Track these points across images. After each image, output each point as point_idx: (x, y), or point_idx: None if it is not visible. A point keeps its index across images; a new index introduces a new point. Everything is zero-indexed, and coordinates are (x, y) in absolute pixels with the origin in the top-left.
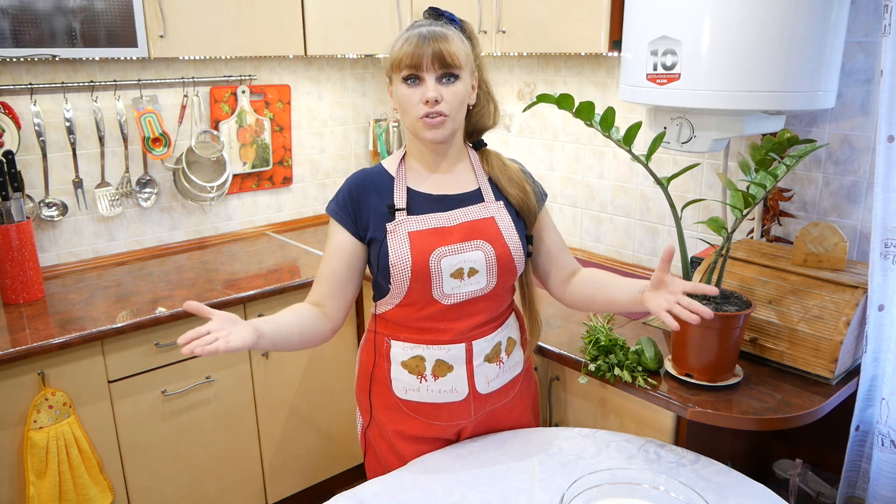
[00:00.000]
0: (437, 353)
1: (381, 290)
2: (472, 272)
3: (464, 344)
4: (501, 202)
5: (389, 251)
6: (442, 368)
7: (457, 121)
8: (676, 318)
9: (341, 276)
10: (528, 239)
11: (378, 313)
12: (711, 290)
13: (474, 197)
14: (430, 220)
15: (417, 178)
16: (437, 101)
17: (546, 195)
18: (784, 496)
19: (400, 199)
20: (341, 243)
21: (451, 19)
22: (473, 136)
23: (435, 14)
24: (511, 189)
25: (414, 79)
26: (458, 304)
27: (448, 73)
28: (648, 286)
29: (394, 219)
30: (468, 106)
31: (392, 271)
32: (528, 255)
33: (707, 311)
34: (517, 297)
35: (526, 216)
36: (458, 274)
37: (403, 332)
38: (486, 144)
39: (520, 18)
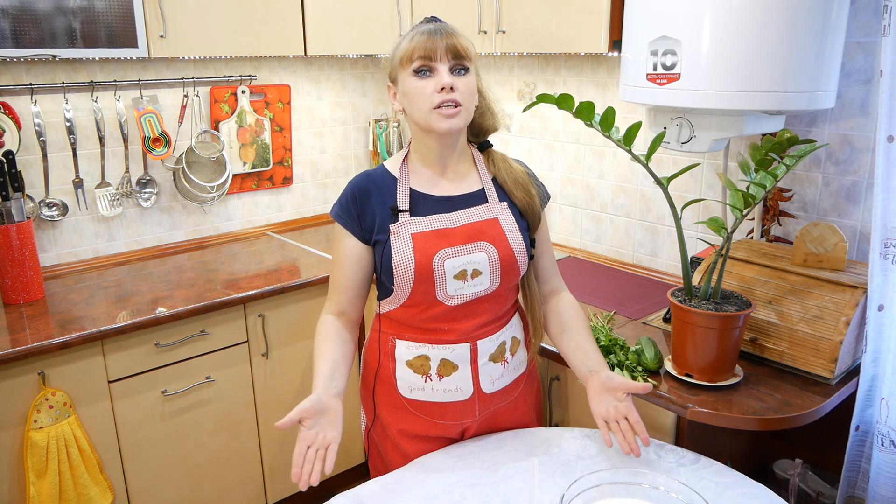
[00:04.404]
0: (441, 352)
1: (385, 290)
2: (476, 273)
3: (468, 344)
4: (505, 203)
5: (393, 253)
6: (447, 368)
7: (469, 112)
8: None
9: (357, 281)
10: (531, 241)
11: (382, 313)
12: (643, 437)
13: (478, 198)
14: (434, 221)
15: (420, 179)
16: (452, 89)
17: (549, 197)
18: (784, 496)
19: (403, 201)
20: (350, 250)
21: None
22: (479, 136)
23: (435, 21)
24: (517, 191)
25: (426, 70)
26: (462, 304)
27: (460, 64)
28: (600, 379)
29: (397, 220)
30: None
31: (395, 273)
32: (531, 256)
33: (637, 451)
34: (520, 298)
35: (530, 218)
36: (461, 275)
37: (408, 331)
38: (491, 145)
39: (520, 18)
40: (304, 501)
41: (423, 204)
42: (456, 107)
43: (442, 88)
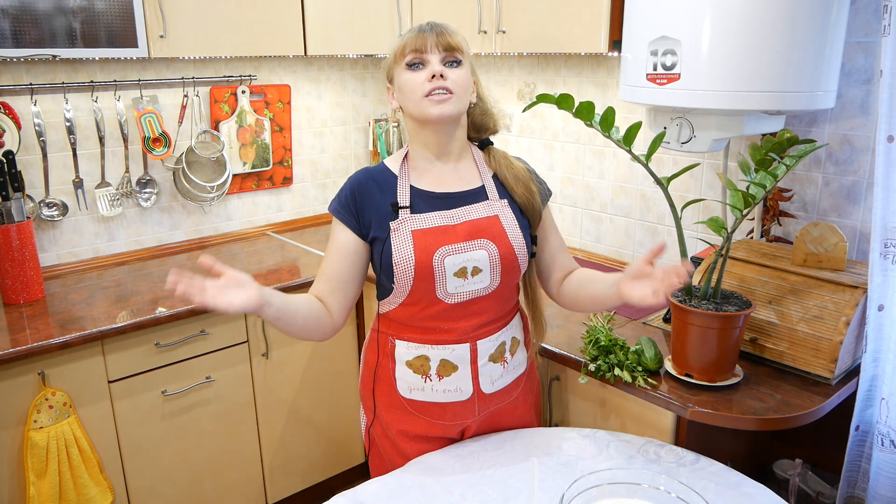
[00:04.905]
0: (441, 353)
1: (384, 290)
2: (476, 271)
3: (468, 344)
4: (506, 200)
5: (393, 249)
6: (447, 368)
7: (462, 101)
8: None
9: (343, 274)
10: (532, 239)
11: (382, 312)
12: (682, 273)
13: (478, 195)
14: (434, 218)
15: (420, 176)
16: (442, 77)
17: (550, 193)
18: (784, 496)
19: (403, 197)
20: (344, 241)
21: None
22: (481, 133)
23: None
24: (517, 188)
25: (418, 64)
26: (462, 303)
27: (452, 57)
28: (624, 276)
29: (397, 217)
30: (470, 103)
31: (395, 270)
32: (532, 254)
33: (682, 275)
34: (521, 297)
35: (530, 215)
36: (461, 273)
37: (408, 331)
38: (492, 143)
39: (520, 18)
40: (304, 501)
41: (423, 200)
42: (447, 93)
43: (433, 76)
